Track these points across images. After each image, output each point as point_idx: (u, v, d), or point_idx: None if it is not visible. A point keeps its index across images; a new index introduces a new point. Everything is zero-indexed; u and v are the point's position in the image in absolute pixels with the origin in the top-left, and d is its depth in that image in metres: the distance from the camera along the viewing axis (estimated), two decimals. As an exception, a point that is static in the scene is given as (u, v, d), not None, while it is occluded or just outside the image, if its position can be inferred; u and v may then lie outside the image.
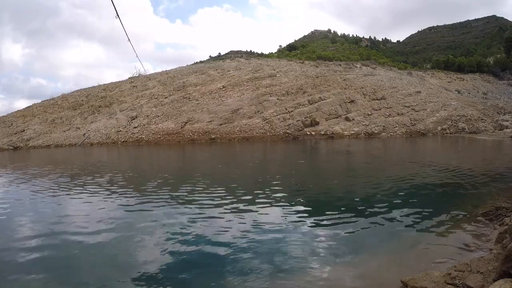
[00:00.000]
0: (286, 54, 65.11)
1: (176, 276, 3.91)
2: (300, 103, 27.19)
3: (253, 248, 4.57)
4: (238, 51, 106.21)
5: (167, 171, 11.87)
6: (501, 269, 2.87)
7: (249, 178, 10.46)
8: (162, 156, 18.02)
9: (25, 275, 3.99)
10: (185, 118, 25.60)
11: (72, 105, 30.90)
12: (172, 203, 7.07)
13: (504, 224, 4.72)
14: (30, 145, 24.64)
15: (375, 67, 40.72)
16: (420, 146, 19.36)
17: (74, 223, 5.94)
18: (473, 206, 6.14)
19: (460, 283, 3.17)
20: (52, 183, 9.79)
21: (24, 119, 29.65)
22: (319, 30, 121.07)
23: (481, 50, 70.30)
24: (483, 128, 27.14)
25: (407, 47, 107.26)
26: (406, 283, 3.35)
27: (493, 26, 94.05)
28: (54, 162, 15.82)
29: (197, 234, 5.19)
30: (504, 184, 8.09)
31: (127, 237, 5.15)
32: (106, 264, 4.31)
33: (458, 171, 9.96)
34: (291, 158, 15.09)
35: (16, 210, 7.08)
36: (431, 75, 45.51)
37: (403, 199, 6.96)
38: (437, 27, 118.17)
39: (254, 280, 3.73)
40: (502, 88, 46.25)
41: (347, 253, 4.43)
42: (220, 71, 34.57)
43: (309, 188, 8.52)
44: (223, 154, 17.58)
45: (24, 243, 5.01)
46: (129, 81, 35.38)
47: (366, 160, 14.09)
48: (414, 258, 4.24)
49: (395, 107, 28.85)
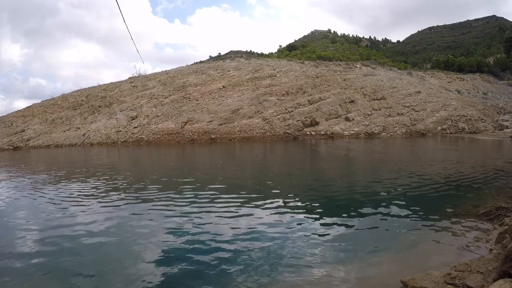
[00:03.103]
0: (286, 54, 65.13)
1: (175, 276, 3.90)
2: (300, 103, 27.19)
3: (253, 248, 4.57)
4: (238, 51, 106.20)
5: (166, 171, 11.86)
6: (501, 269, 2.87)
7: (249, 178, 10.46)
8: (162, 156, 18.01)
9: (23, 277, 3.99)
10: (185, 118, 25.60)
11: (72, 105, 30.90)
12: (171, 202, 7.06)
13: (504, 224, 4.72)
14: (30, 145, 24.64)
15: (375, 67, 40.72)
16: (420, 146, 19.35)
17: (73, 224, 5.94)
18: (473, 206, 6.15)
19: (460, 283, 3.17)
20: (49, 184, 9.79)
21: (24, 119, 29.65)
22: (319, 30, 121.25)
23: (481, 50, 70.38)
24: (483, 128, 27.15)
25: (407, 47, 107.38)
26: (406, 283, 3.35)
27: (493, 26, 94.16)
28: (52, 163, 15.81)
29: (196, 234, 5.19)
30: (504, 184, 8.10)
31: (126, 238, 5.15)
32: (105, 265, 4.30)
33: (458, 171, 9.97)
34: (291, 158, 15.08)
35: (13, 211, 7.07)
36: (431, 75, 45.54)
37: (402, 199, 6.95)
38: (437, 27, 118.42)
39: (254, 279, 3.73)
40: (502, 88, 46.26)
41: (347, 253, 4.43)
42: (220, 71, 34.57)
43: (309, 188, 8.51)
44: (223, 154, 17.57)
45: (22, 246, 5.00)
46: (129, 81, 35.38)
47: (365, 160, 14.09)
48: (414, 258, 4.24)
49: (395, 107, 28.86)
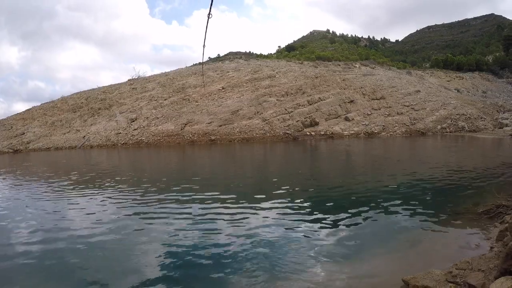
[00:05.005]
0: (285, 54, 65.08)
1: (173, 276, 3.90)
2: (299, 104, 27.20)
3: (252, 249, 4.56)
4: (237, 52, 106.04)
5: (166, 173, 11.86)
6: (502, 267, 2.87)
7: (249, 179, 10.46)
8: (162, 158, 18.00)
9: (24, 277, 4.00)
10: (185, 119, 25.60)
11: (71, 108, 30.91)
12: (171, 204, 7.06)
13: (505, 222, 4.72)
14: (30, 148, 24.65)
15: (374, 66, 40.75)
16: (420, 145, 19.36)
17: (72, 225, 5.95)
18: (473, 204, 6.15)
19: (461, 281, 3.17)
20: (48, 186, 9.79)
21: (24, 122, 29.67)
22: (317, 30, 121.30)
23: (480, 48, 70.45)
24: (482, 127, 27.15)
25: (406, 46, 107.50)
26: (407, 282, 3.35)
27: (492, 24, 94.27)
28: (52, 166, 15.81)
29: (195, 235, 5.19)
30: (504, 182, 8.10)
31: (126, 239, 5.15)
32: (104, 266, 4.30)
33: (458, 169, 9.97)
34: (292, 159, 15.09)
35: (14, 213, 7.06)
36: (430, 74, 45.52)
37: (403, 198, 6.95)
38: (435, 26, 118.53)
39: (253, 280, 3.73)
40: (501, 86, 46.25)
41: (348, 252, 4.43)
42: (220, 72, 34.58)
43: (309, 188, 8.51)
44: (223, 156, 17.58)
45: (22, 246, 5.01)
46: (129, 83, 35.38)
47: (365, 160, 14.10)
48: (415, 257, 4.24)
49: (395, 106, 28.86)
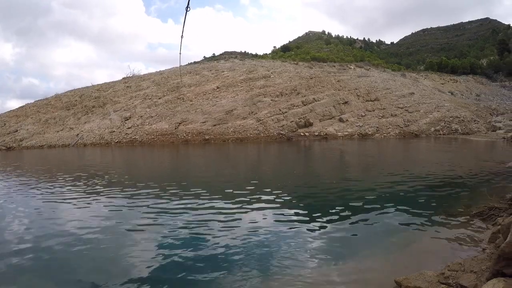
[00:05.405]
0: (280, 55, 65.26)
1: (170, 277, 3.85)
2: (294, 104, 27.22)
3: (248, 249, 4.52)
4: (233, 52, 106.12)
5: (159, 172, 11.78)
6: (494, 268, 2.87)
7: (243, 179, 10.42)
8: (155, 157, 17.89)
9: (13, 277, 3.93)
10: (179, 118, 25.47)
11: (65, 105, 30.59)
12: (163, 203, 6.99)
13: (497, 224, 4.73)
14: (23, 145, 24.32)
15: (369, 68, 40.99)
16: (413, 146, 19.47)
17: (64, 225, 5.86)
18: (466, 206, 6.16)
19: (453, 283, 3.16)
20: (40, 184, 9.67)
21: (17, 119, 29.29)
22: (313, 31, 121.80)
23: (474, 52, 71.27)
24: (476, 129, 27.40)
25: (401, 48, 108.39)
26: (400, 283, 3.33)
27: (486, 28, 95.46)
28: (46, 164, 15.64)
29: (191, 235, 5.13)
30: (497, 184, 8.15)
31: (121, 240, 5.08)
32: (96, 266, 4.23)
33: (451, 172, 10.03)
34: (285, 159, 15.08)
35: (6, 213, 6.95)
36: (424, 76, 45.96)
37: (396, 199, 6.96)
38: (430, 29, 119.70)
39: (249, 281, 3.69)
40: (495, 89, 46.85)
41: (341, 253, 4.41)
42: (214, 72, 34.51)
43: (303, 189, 8.49)
44: (217, 155, 17.52)
45: (11, 246, 4.91)
46: (123, 82, 35.14)
47: (359, 161, 14.14)
48: (407, 258, 4.23)
49: (389, 108, 29.02)
